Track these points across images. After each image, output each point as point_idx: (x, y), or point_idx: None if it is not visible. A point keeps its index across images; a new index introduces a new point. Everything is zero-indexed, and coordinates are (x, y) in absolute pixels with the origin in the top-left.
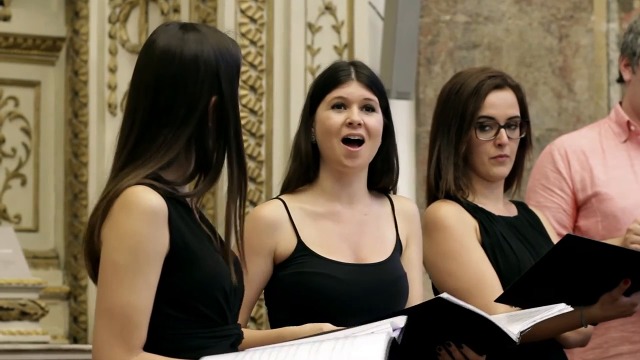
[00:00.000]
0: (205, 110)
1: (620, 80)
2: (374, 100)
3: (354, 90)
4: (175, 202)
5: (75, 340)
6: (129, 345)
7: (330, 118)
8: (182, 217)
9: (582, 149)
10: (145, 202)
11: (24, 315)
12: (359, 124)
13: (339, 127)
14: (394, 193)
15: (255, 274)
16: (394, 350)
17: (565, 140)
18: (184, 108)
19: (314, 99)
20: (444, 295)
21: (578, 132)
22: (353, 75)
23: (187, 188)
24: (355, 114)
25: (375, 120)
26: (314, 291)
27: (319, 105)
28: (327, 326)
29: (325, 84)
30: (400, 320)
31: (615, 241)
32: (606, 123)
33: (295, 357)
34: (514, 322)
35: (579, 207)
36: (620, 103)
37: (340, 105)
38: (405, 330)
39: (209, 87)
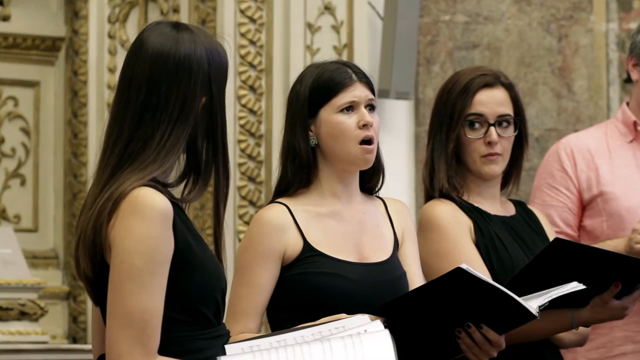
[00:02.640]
0: (197, 110)
1: (628, 80)
2: (374, 99)
3: (360, 92)
4: (174, 204)
5: (74, 340)
6: (147, 350)
7: (343, 122)
8: (182, 219)
9: (588, 148)
10: (158, 204)
11: (23, 315)
12: (371, 125)
13: (353, 129)
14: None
15: (267, 278)
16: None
17: (572, 140)
18: (179, 106)
19: (315, 102)
20: (463, 265)
21: (584, 132)
22: (354, 76)
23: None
24: (368, 116)
25: (378, 121)
26: (323, 290)
27: (322, 108)
28: (344, 316)
29: (328, 88)
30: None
31: (619, 241)
32: (612, 123)
33: (312, 358)
34: (530, 300)
35: (584, 206)
36: (627, 104)
37: (349, 107)
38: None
39: (201, 87)
